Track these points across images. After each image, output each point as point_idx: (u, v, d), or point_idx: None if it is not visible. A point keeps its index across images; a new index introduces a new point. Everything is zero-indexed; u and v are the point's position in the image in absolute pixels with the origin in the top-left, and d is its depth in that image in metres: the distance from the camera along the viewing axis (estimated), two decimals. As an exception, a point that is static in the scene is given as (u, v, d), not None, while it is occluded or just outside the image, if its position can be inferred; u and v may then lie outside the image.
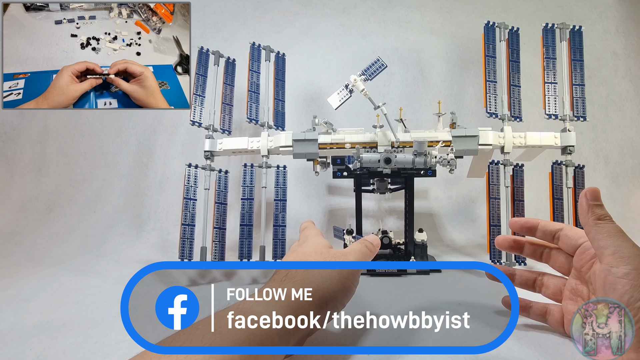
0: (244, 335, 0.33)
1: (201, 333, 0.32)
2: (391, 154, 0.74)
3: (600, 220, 0.42)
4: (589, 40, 0.94)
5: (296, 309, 0.39)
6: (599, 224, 0.42)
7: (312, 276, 0.43)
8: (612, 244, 0.41)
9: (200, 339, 0.31)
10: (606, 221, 0.42)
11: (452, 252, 0.99)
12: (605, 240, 0.41)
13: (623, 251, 0.39)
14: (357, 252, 0.49)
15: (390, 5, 1.33)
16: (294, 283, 0.42)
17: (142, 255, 1.00)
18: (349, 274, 0.44)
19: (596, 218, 0.43)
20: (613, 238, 0.41)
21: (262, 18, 1.31)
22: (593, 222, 0.43)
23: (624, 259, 0.38)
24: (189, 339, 0.32)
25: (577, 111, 0.83)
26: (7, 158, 1.26)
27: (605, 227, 0.42)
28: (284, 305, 0.38)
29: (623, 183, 1.25)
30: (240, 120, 1.03)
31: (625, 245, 0.40)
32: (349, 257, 0.47)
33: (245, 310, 0.37)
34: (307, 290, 0.41)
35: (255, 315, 0.36)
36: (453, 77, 1.28)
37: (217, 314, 0.36)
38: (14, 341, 0.54)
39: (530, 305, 0.51)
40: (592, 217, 0.43)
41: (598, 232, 0.42)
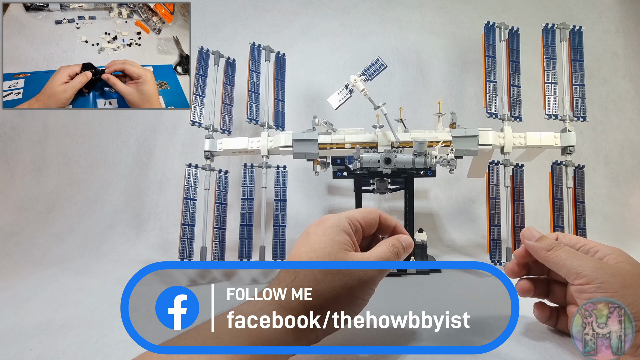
0: (244, 342, 0.33)
1: (202, 339, 0.32)
2: (391, 154, 0.74)
3: (549, 251, 0.44)
4: (589, 40, 0.94)
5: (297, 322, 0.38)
6: (549, 255, 0.44)
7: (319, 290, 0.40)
8: (570, 266, 0.42)
9: (203, 343, 0.31)
10: (554, 248, 0.44)
11: (452, 252, 0.99)
12: (563, 265, 0.43)
13: (583, 271, 0.40)
14: (379, 265, 0.43)
15: (390, 5, 1.33)
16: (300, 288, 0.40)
17: (142, 255, 1.00)
18: (360, 292, 0.42)
19: (545, 250, 0.44)
20: (569, 261, 0.42)
21: (262, 18, 1.31)
22: (545, 256, 0.44)
23: (586, 278, 0.40)
24: (191, 343, 0.32)
25: (577, 111, 0.83)
26: (7, 158, 1.26)
27: (557, 254, 0.43)
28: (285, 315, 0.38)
29: (623, 183, 1.25)
30: (240, 120, 1.03)
31: (583, 264, 0.41)
32: (368, 273, 0.42)
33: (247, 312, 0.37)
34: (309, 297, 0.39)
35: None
36: (453, 77, 1.28)
37: (218, 317, 0.36)
38: (14, 341, 0.54)
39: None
40: (541, 252, 0.44)
41: (554, 262, 0.43)
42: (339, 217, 0.45)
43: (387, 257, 0.45)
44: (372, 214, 0.47)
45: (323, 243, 0.42)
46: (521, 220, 0.81)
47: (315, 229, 0.44)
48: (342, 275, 0.41)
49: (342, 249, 0.42)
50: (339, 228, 0.44)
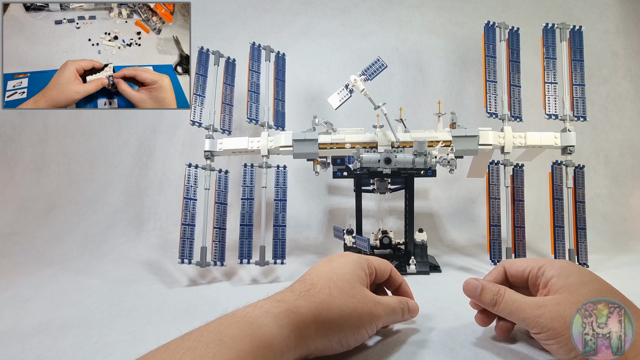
0: (247, 345, 0.33)
1: (206, 341, 0.32)
2: (391, 154, 0.74)
3: (494, 306, 0.45)
4: (589, 40, 0.94)
5: (302, 329, 0.38)
6: (495, 310, 0.45)
7: (332, 305, 0.41)
8: (517, 320, 0.43)
9: (205, 348, 0.31)
10: (497, 303, 0.44)
11: (452, 252, 0.99)
12: (511, 318, 0.44)
13: (529, 324, 0.41)
14: (388, 309, 0.46)
15: (390, 5, 1.33)
16: (311, 302, 0.40)
17: (142, 255, 1.00)
18: (367, 322, 0.43)
19: (492, 305, 0.45)
20: (513, 315, 0.43)
21: (262, 18, 1.31)
22: (494, 311, 0.45)
23: (535, 329, 0.40)
24: (193, 346, 0.32)
25: (577, 111, 0.83)
26: (7, 158, 1.26)
27: (501, 309, 0.44)
28: (292, 322, 0.38)
29: (623, 183, 1.25)
30: (240, 120, 1.03)
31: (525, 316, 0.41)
32: (378, 308, 0.45)
33: (253, 318, 0.36)
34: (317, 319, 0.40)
35: (262, 325, 0.35)
36: (453, 77, 1.28)
37: (223, 320, 0.36)
38: (14, 341, 0.54)
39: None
40: (489, 307, 0.45)
41: (503, 315, 0.44)
42: (360, 256, 0.49)
43: (394, 308, 0.48)
44: (387, 265, 0.52)
45: (344, 270, 0.46)
46: (521, 220, 0.81)
47: (338, 258, 0.48)
48: (356, 300, 0.43)
49: (359, 281, 0.45)
50: (359, 265, 0.48)
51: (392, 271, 0.52)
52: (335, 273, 0.45)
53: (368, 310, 0.43)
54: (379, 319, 0.45)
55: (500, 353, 0.45)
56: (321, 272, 0.45)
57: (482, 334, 0.50)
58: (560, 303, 0.40)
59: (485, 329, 0.51)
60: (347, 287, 0.43)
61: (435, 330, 0.52)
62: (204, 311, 0.64)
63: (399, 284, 0.53)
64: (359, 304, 0.43)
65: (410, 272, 0.79)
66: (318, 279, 0.44)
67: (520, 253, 0.80)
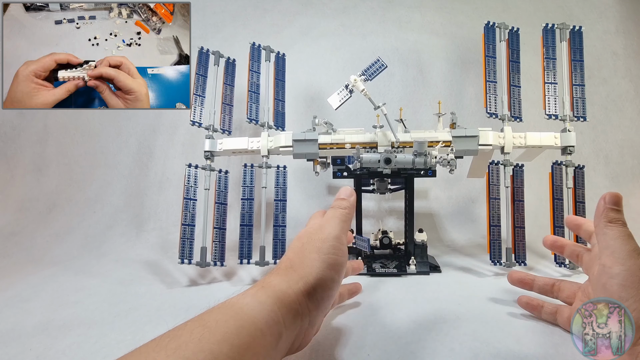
0: (231, 326, 0.33)
1: (190, 328, 0.33)
2: (391, 154, 0.74)
3: (611, 223, 0.44)
4: (589, 40, 0.94)
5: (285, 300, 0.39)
6: (609, 226, 0.44)
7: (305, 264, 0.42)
8: (614, 245, 0.42)
9: (189, 334, 0.31)
10: (617, 224, 0.44)
11: (452, 252, 0.99)
12: (609, 241, 0.43)
13: (620, 252, 0.41)
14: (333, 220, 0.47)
15: (390, 5, 1.33)
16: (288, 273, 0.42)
17: (142, 255, 1.00)
18: (329, 249, 0.44)
19: (608, 221, 0.45)
20: (616, 240, 0.42)
21: (262, 18, 1.31)
22: (604, 224, 0.45)
23: (619, 260, 0.40)
24: (178, 334, 0.32)
25: (577, 111, 0.83)
26: (7, 158, 1.26)
27: (613, 229, 0.44)
28: (272, 295, 0.38)
29: (623, 183, 1.25)
30: (240, 120, 1.03)
31: (625, 248, 0.41)
32: (325, 230, 0.46)
33: (233, 302, 0.37)
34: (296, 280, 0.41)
35: (243, 306, 0.36)
36: (453, 77, 1.28)
37: (206, 310, 0.36)
38: (14, 341, 0.54)
39: (542, 306, 0.53)
40: (604, 219, 0.45)
41: (605, 233, 0.44)
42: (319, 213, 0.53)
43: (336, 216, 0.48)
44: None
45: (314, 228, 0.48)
46: (521, 220, 0.81)
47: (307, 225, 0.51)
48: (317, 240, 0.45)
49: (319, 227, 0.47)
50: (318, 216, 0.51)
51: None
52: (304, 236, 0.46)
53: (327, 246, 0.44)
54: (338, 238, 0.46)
55: (500, 353, 0.45)
56: (294, 245, 0.46)
57: (482, 334, 0.50)
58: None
59: (485, 329, 0.51)
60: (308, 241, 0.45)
61: (435, 330, 0.52)
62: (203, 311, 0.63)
63: None
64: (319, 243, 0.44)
65: (410, 272, 0.79)
66: (290, 251, 0.46)
67: (520, 253, 0.80)
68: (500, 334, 0.49)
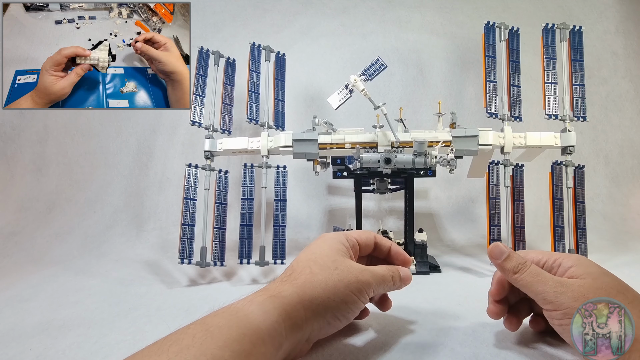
0: (234, 333, 0.33)
1: (192, 332, 0.33)
2: (391, 154, 0.74)
3: (515, 273, 0.43)
4: (589, 40, 0.95)
5: (291, 312, 0.38)
6: (516, 277, 0.43)
7: (315, 282, 0.41)
8: (536, 292, 0.41)
9: (192, 338, 0.32)
10: (520, 271, 0.43)
11: (452, 252, 0.99)
12: (529, 290, 0.42)
13: (548, 297, 0.40)
14: (376, 276, 0.46)
15: (390, 5, 1.33)
16: (293, 285, 0.41)
17: (142, 255, 1.00)
18: (356, 290, 0.43)
19: (512, 273, 0.43)
20: (535, 286, 0.41)
21: (262, 18, 1.31)
22: (512, 279, 0.44)
23: (552, 304, 0.40)
24: (179, 338, 0.32)
25: (577, 111, 0.83)
26: (7, 158, 1.26)
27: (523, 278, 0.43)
28: (279, 306, 0.38)
29: (623, 183, 1.26)
30: (240, 120, 1.03)
31: (547, 289, 0.40)
32: (365, 275, 0.44)
33: (238, 308, 0.37)
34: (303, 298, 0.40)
35: (248, 313, 0.36)
36: (453, 77, 1.28)
37: (210, 314, 0.36)
38: (14, 341, 0.54)
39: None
40: (508, 275, 0.44)
41: (521, 285, 0.43)
42: (337, 233, 0.50)
43: (384, 275, 0.47)
44: (369, 234, 0.52)
45: (322, 248, 0.46)
46: (521, 220, 0.81)
47: (316, 241, 0.49)
48: (340, 271, 0.43)
49: (340, 254, 0.46)
50: (337, 239, 0.48)
51: (376, 238, 0.52)
52: (314, 253, 0.45)
53: (355, 277, 0.43)
54: (368, 286, 0.44)
55: (501, 353, 0.45)
56: (300, 257, 0.46)
57: (482, 334, 0.50)
58: (584, 286, 0.39)
59: (485, 329, 0.51)
60: (328, 262, 0.44)
61: (435, 330, 0.52)
62: (203, 311, 0.63)
63: (387, 248, 0.52)
64: (343, 273, 0.43)
65: (410, 272, 0.79)
66: (297, 263, 0.45)
67: (520, 253, 0.80)
68: (500, 334, 0.49)
